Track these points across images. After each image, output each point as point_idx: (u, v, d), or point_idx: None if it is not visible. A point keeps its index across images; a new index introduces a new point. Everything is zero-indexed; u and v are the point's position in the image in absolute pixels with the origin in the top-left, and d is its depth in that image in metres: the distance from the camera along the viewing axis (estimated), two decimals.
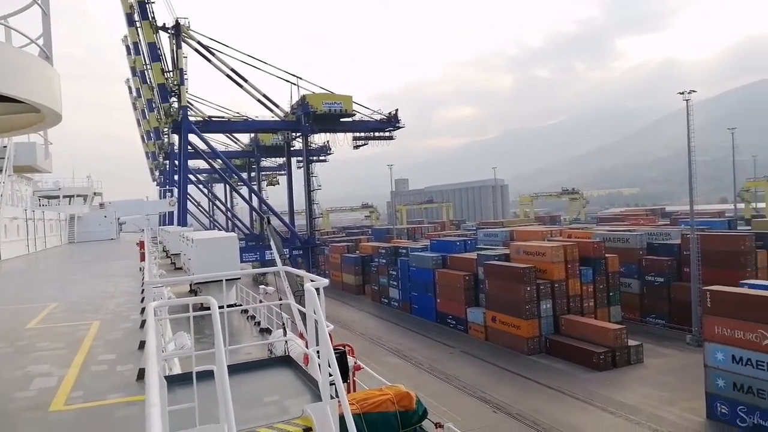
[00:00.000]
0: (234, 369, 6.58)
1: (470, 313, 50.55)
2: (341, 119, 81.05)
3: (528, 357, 42.10)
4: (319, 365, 5.78)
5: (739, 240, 45.70)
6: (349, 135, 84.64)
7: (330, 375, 5.24)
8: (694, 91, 47.45)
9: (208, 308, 4.97)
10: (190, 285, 18.55)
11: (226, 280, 14.32)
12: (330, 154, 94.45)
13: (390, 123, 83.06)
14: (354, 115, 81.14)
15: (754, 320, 27.40)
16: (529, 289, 43.41)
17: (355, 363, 11.50)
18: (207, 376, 4.80)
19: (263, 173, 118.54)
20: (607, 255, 48.04)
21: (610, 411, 31.50)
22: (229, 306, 12.95)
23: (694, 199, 47.93)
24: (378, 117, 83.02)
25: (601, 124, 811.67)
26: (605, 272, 47.10)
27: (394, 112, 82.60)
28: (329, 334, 5.89)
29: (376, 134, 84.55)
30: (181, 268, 23.28)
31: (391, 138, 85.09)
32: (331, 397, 5.44)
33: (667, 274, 48.37)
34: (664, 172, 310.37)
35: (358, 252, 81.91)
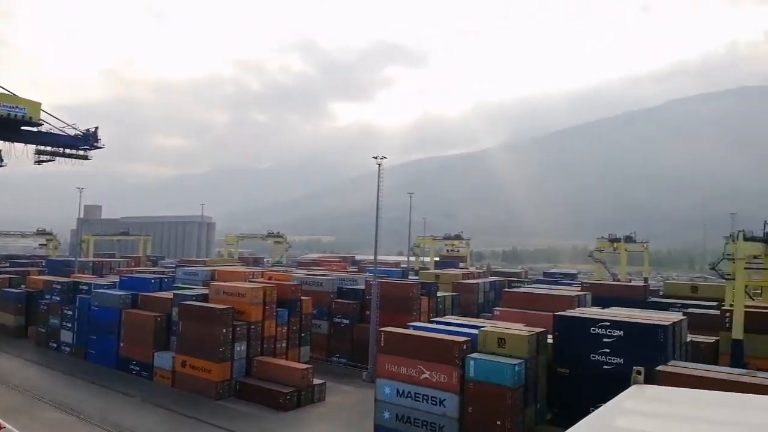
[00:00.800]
0: None
1: (157, 358, 46.85)
2: (23, 127, 68.34)
3: (217, 402, 40.81)
4: None
5: (409, 288, 53.77)
6: (32, 147, 71.74)
7: None
8: (385, 157, 54.77)
9: None
10: None
11: None
12: (2, 166, 78.31)
13: (87, 140, 73.17)
14: (41, 124, 69.02)
15: (415, 357, 32.01)
16: (225, 330, 42.56)
17: None
18: None
19: None
20: (303, 297, 50.67)
21: None
22: None
23: (379, 250, 54.48)
24: (73, 132, 72.64)
25: (309, 174, 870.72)
26: (300, 314, 49.45)
27: (93, 129, 73.21)
28: None
29: (68, 151, 73.64)
30: None
31: (86, 158, 75.00)
32: None
33: (352, 316, 53.42)
34: (358, 224, 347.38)
35: (23, 286, 68.78)
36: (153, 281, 56.06)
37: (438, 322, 39.01)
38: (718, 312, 37.95)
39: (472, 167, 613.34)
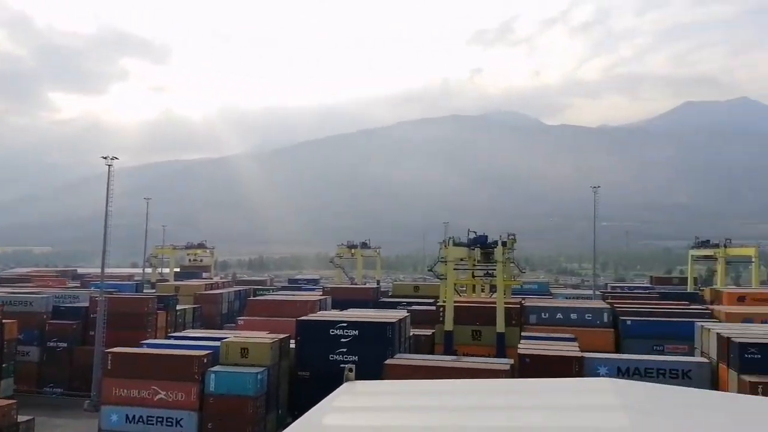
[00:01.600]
0: None
1: None
2: None
3: None
4: None
5: (143, 302, 49.16)
6: None
7: None
8: (116, 158, 49.40)
9: None
10: None
11: None
12: None
13: None
14: None
15: (148, 377, 29.40)
16: None
17: None
18: None
19: None
20: (5, 321, 42.25)
21: None
22: None
23: (109, 262, 48.82)
24: None
25: (20, 174, 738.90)
26: (0, 341, 41.16)
27: None
28: None
29: None
30: None
31: None
32: None
33: (72, 338, 46.65)
34: (84, 233, 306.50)
35: None
36: None
37: (176, 338, 36.79)
38: (434, 308, 43.65)
39: (217, 173, 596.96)
